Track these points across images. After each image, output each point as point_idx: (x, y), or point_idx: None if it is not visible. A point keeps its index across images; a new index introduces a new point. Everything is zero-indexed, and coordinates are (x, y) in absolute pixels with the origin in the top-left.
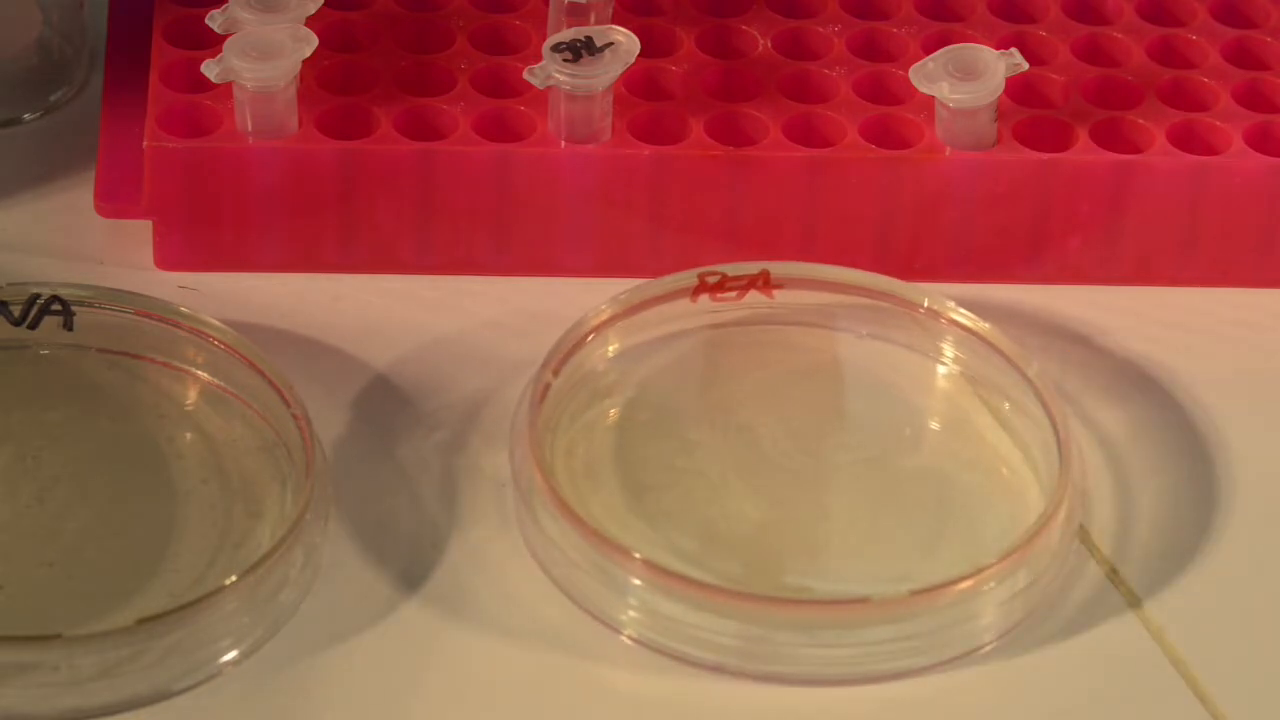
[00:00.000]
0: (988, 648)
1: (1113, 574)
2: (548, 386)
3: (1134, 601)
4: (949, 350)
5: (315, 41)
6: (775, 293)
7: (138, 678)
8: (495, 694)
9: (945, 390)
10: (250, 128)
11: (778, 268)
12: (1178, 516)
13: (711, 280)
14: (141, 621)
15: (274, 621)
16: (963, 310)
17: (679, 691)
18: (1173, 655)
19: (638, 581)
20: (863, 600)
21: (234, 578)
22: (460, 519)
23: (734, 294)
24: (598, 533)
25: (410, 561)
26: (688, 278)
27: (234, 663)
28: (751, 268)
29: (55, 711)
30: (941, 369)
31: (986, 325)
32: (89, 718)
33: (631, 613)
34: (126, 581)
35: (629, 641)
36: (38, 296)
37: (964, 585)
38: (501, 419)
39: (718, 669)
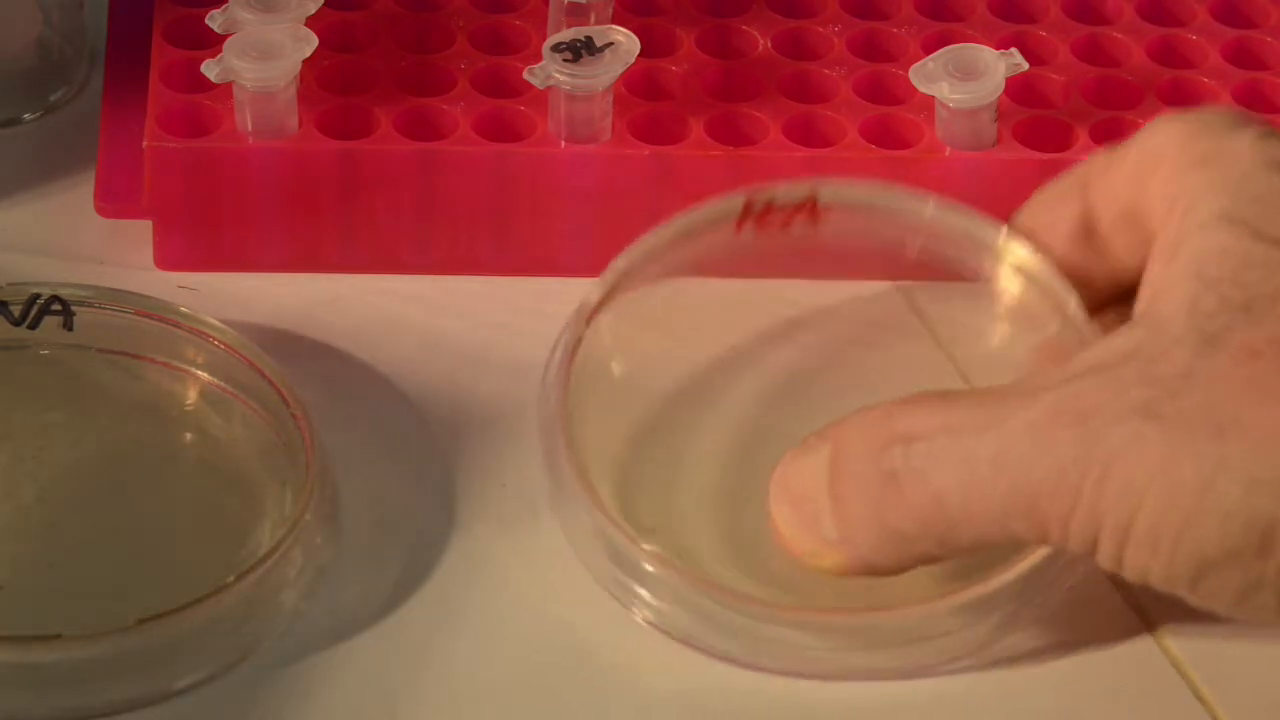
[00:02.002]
0: (987, 647)
1: (1113, 574)
2: (579, 340)
3: (1134, 602)
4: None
5: (315, 41)
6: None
7: (138, 678)
8: (495, 694)
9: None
10: (250, 128)
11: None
12: None
13: (758, 206)
14: (141, 621)
15: (274, 621)
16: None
17: (684, 692)
18: (1172, 656)
19: (649, 568)
20: (860, 610)
21: (234, 578)
22: (460, 519)
23: (780, 218)
24: (615, 521)
25: (410, 561)
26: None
27: (234, 663)
28: (799, 190)
29: (55, 711)
30: None
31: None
32: (89, 718)
33: (643, 602)
34: (126, 581)
35: (633, 637)
36: (38, 296)
37: (964, 587)
38: (502, 419)
39: (730, 660)
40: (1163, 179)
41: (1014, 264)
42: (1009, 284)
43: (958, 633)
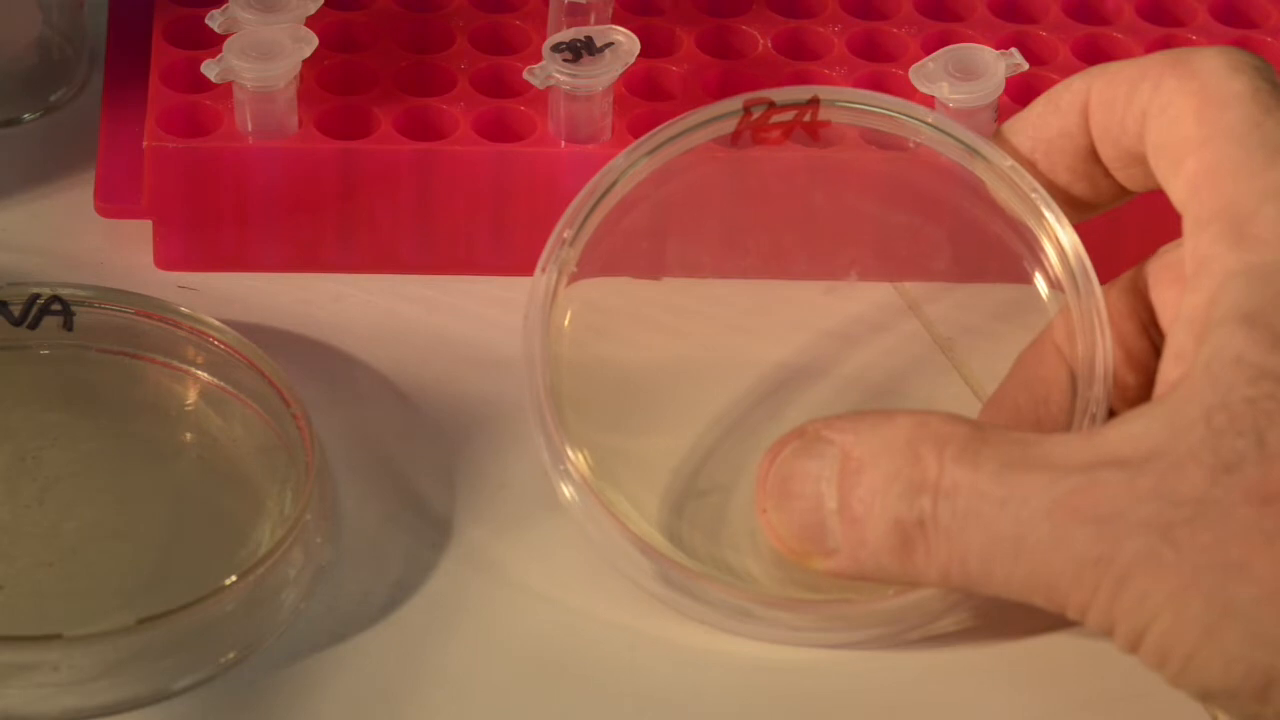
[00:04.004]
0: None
1: None
2: (563, 262)
3: None
4: None
5: (315, 41)
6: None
7: (138, 678)
8: (495, 694)
9: None
10: (250, 128)
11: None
12: None
13: (756, 112)
14: (141, 621)
15: (274, 621)
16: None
17: (681, 690)
18: None
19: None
20: (846, 601)
21: (234, 578)
22: (460, 519)
23: (777, 133)
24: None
25: (410, 561)
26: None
27: (234, 663)
28: (801, 94)
29: (55, 711)
30: None
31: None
32: (89, 718)
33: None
34: (126, 581)
35: (631, 637)
36: (38, 296)
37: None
38: (502, 419)
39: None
40: (1183, 185)
41: (1005, 182)
42: (1001, 196)
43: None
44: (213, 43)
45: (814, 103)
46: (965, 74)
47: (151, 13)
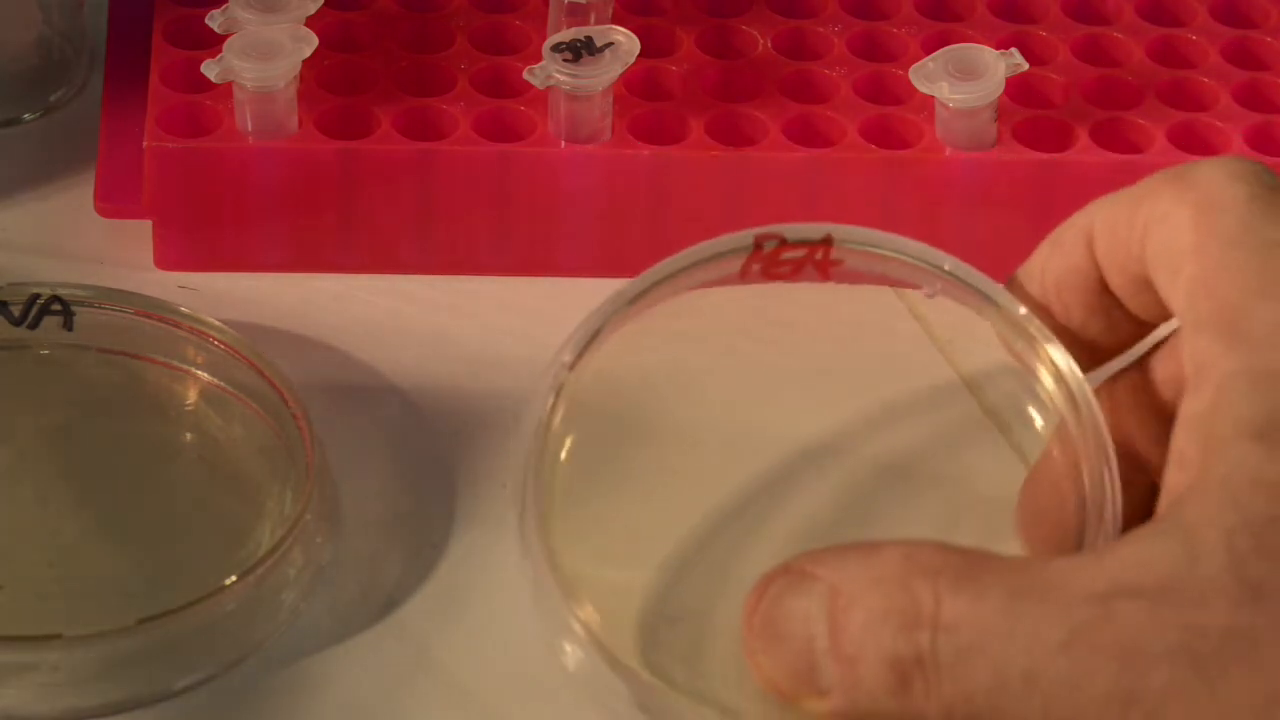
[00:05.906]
0: None
1: None
2: (561, 386)
3: None
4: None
5: (315, 41)
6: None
7: (138, 678)
8: (495, 694)
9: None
10: (250, 128)
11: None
12: None
13: (768, 247)
14: (141, 621)
15: (274, 621)
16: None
17: None
18: None
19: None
20: None
21: (234, 578)
22: (460, 519)
23: (788, 268)
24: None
25: (410, 561)
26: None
27: (234, 663)
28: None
29: (55, 711)
30: None
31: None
32: (89, 718)
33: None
34: (126, 581)
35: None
36: (38, 296)
37: None
38: (502, 419)
39: None
40: (1181, 292)
41: (1018, 330)
42: (1009, 342)
43: None
44: (213, 43)
45: (826, 241)
46: (965, 74)
47: (151, 13)
